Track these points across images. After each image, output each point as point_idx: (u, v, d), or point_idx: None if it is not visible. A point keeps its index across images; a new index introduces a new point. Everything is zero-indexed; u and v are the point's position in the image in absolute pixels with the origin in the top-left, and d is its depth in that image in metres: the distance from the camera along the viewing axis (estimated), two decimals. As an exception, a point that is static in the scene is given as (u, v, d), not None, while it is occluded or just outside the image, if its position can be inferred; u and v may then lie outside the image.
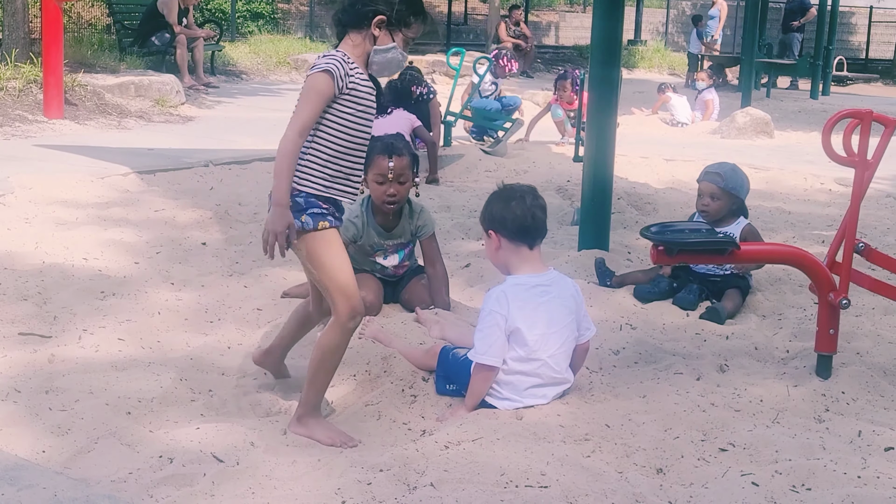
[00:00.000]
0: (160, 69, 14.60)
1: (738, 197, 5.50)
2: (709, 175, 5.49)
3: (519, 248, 3.83)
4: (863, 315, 5.23)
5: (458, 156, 10.01)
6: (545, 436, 3.50)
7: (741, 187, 5.51)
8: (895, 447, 3.60)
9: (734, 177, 5.47)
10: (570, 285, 3.94)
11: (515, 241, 3.82)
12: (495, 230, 3.85)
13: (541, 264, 3.90)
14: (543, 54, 24.43)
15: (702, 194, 5.52)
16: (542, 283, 3.83)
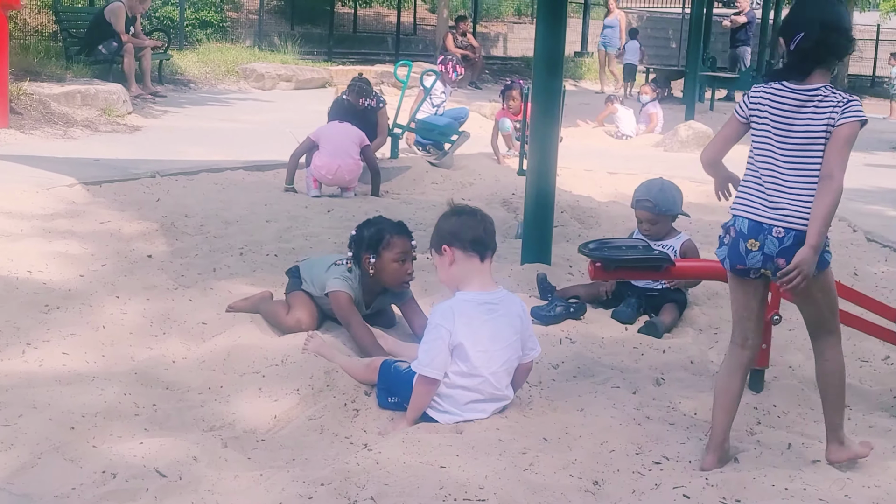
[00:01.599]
0: (107, 78, 14.51)
1: (674, 214, 5.64)
2: (641, 203, 5.63)
3: (471, 260, 3.91)
4: (796, 329, 5.36)
5: (405, 168, 10.08)
6: (484, 449, 3.57)
7: (674, 204, 5.64)
8: (822, 460, 3.72)
9: (664, 198, 5.61)
10: (518, 304, 4.03)
11: (469, 252, 3.90)
12: (449, 244, 3.92)
13: (490, 281, 3.98)
14: (491, 65, 24.57)
15: (640, 220, 5.66)
16: (490, 301, 3.91)
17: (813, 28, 3.48)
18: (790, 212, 3.49)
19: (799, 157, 3.51)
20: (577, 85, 23.41)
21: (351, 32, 26.24)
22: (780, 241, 3.48)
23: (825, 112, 3.47)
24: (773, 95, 3.55)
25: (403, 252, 4.71)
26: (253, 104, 16.02)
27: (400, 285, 4.81)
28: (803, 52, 3.50)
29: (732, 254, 3.59)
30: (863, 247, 8.00)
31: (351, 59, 23.01)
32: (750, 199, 3.57)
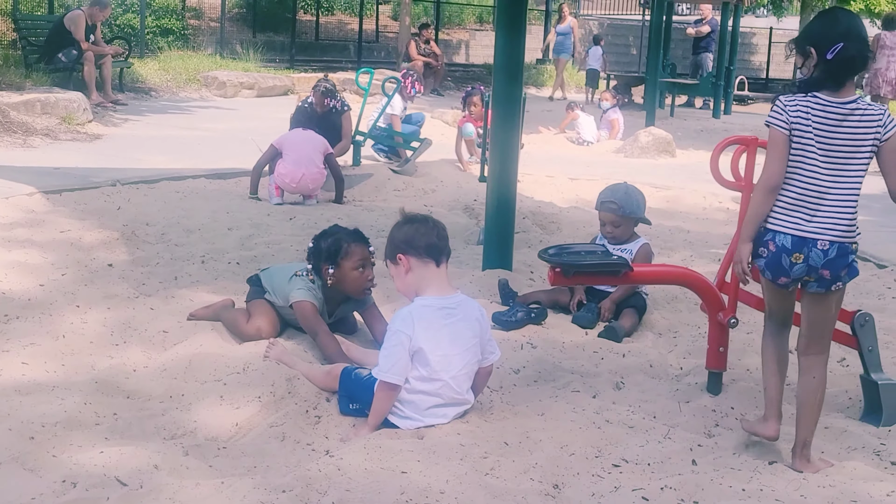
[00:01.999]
0: (67, 86, 14.42)
1: (637, 218, 5.70)
2: (605, 205, 5.68)
3: (427, 266, 3.95)
4: (754, 332, 5.43)
5: (367, 175, 10.09)
6: (445, 454, 3.60)
7: (638, 208, 5.70)
8: (779, 461, 3.79)
9: (629, 201, 5.66)
10: (476, 308, 4.06)
11: (423, 259, 3.94)
12: (403, 252, 3.96)
13: (448, 286, 4.02)
14: (454, 72, 24.64)
15: (604, 223, 5.71)
16: (448, 306, 3.95)
17: (851, 39, 3.58)
18: (834, 225, 3.63)
19: (843, 170, 3.65)
20: (539, 92, 23.51)
21: (313, 40, 26.21)
22: (825, 253, 3.63)
23: (871, 126, 3.61)
24: (813, 108, 3.63)
25: (362, 259, 4.73)
26: (215, 112, 15.98)
27: (362, 292, 4.82)
28: (842, 62, 3.59)
29: (773, 267, 3.71)
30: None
31: (313, 66, 22.98)
32: (791, 214, 3.68)
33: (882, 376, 4.37)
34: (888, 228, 9.20)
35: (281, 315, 4.93)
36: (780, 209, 3.70)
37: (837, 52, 3.57)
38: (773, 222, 3.70)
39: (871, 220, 9.60)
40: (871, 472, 3.71)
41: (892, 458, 3.90)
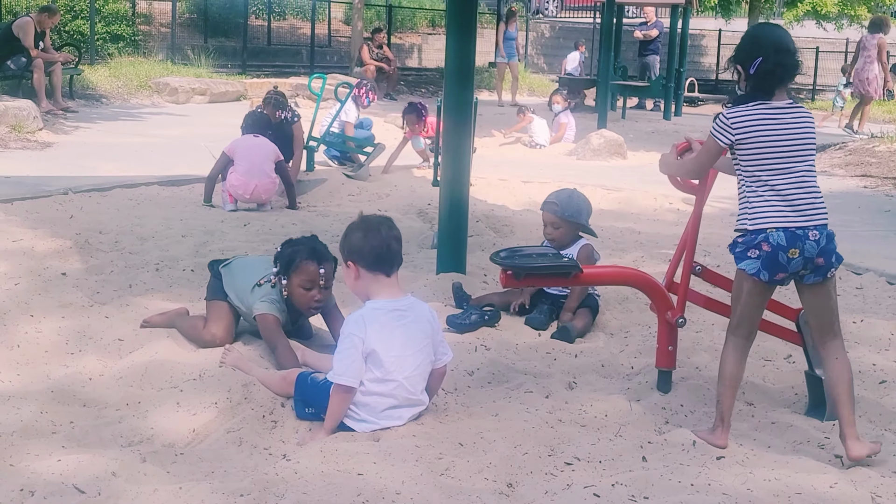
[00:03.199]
0: (16, 94, 14.31)
1: (578, 223, 5.75)
2: (547, 205, 5.76)
3: (377, 277, 4.01)
4: (702, 331, 5.55)
5: (321, 180, 10.13)
6: (401, 456, 3.65)
7: (580, 213, 5.76)
8: (726, 456, 3.88)
9: (571, 204, 5.73)
10: (427, 310, 4.13)
11: (373, 271, 4.00)
12: (353, 261, 4.02)
13: (398, 290, 4.07)
14: (407, 76, 24.70)
15: (545, 223, 5.78)
16: (400, 308, 4.00)
17: (769, 52, 3.86)
18: (818, 210, 3.91)
19: (806, 161, 3.93)
20: (492, 95, 23.62)
21: (265, 45, 26.15)
22: (818, 242, 3.87)
23: (808, 122, 3.96)
24: (763, 116, 3.88)
25: (309, 280, 4.70)
26: (167, 118, 15.91)
27: (307, 310, 4.83)
28: (765, 74, 3.88)
29: (770, 265, 3.86)
30: (768, 250, 8.24)
31: (265, 71, 22.94)
32: (778, 212, 3.86)
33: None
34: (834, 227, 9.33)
35: (238, 314, 4.96)
36: (766, 209, 3.87)
37: (758, 66, 3.87)
38: (762, 222, 3.86)
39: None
40: (815, 465, 3.80)
41: (836, 451, 4.01)
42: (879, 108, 24.59)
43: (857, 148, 15.21)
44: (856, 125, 18.51)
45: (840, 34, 29.41)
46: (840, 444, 4.05)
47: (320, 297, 4.75)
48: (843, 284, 7.01)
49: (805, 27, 28.77)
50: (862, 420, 4.38)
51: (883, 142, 15.28)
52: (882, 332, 5.76)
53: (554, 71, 27.00)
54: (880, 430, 4.29)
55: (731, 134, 3.91)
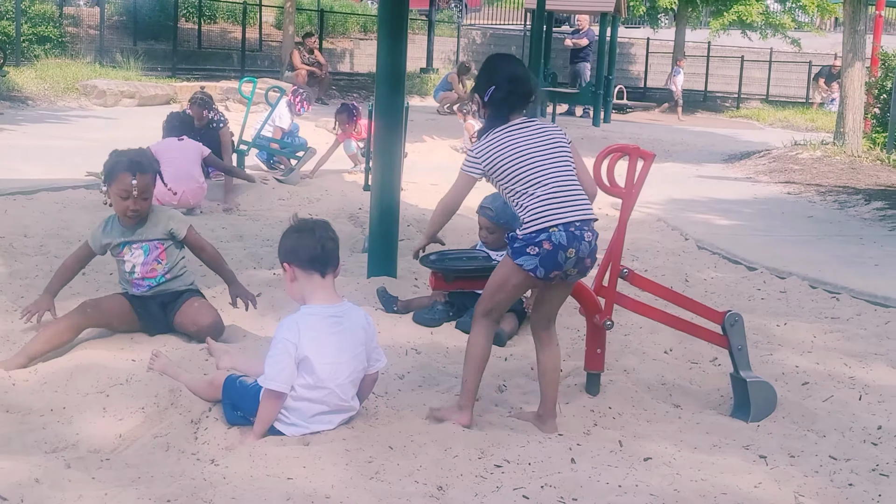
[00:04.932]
0: (-62, 95, 14.02)
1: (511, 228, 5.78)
2: (483, 210, 5.82)
3: (311, 277, 3.99)
4: (630, 334, 5.61)
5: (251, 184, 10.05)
6: (331, 460, 3.64)
7: (514, 218, 5.79)
8: (653, 457, 3.93)
9: (506, 211, 5.77)
10: (362, 317, 4.11)
11: (308, 270, 3.98)
12: (289, 262, 4.01)
13: (334, 295, 4.06)
14: (338, 81, 24.64)
15: (481, 227, 5.83)
16: (335, 314, 3.99)
17: (502, 82, 4.15)
18: (585, 205, 4.09)
19: (561, 165, 4.11)
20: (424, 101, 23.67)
21: (195, 48, 25.90)
22: (590, 244, 4.07)
23: (551, 129, 4.20)
24: (503, 139, 4.11)
25: (124, 189, 4.94)
26: (94, 121, 15.69)
27: (124, 217, 5.05)
28: (498, 101, 4.16)
29: (549, 263, 3.99)
30: (693, 254, 8.38)
31: (196, 75, 22.72)
32: (555, 209, 4.02)
33: (750, 374, 4.57)
34: (758, 232, 9.56)
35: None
36: (543, 209, 4.02)
37: (490, 95, 4.16)
38: (545, 221, 4.00)
39: (741, 225, 9.98)
40: (740, 465, 3.87)
41: (760, 451, 4.08)
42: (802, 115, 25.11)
43: (781, 155, 15.51)
44: None
45: (764, 43, 29.95)
46: (765, 444, 4.14)
47: (135, 207, 5.00)
48: (767, 288, 7.16)
49: (731, 36, 29.25)
50: (785, 421, 4.47)
51: (806, 149, 15.59)
52: (804, 335, 5.88)
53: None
54: (803, 430, 4.37)
55: (480, 166, 4.13)
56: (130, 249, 5.12)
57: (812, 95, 29.86)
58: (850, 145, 15.31)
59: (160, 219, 5.17)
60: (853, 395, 4.88)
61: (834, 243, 9.17)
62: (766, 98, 30.68)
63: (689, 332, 4.77)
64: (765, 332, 5.88)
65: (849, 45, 15.48)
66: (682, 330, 4.78)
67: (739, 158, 16.36)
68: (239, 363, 4.54)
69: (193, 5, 26.73)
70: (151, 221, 5.14)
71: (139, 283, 5.14)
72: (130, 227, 5.11)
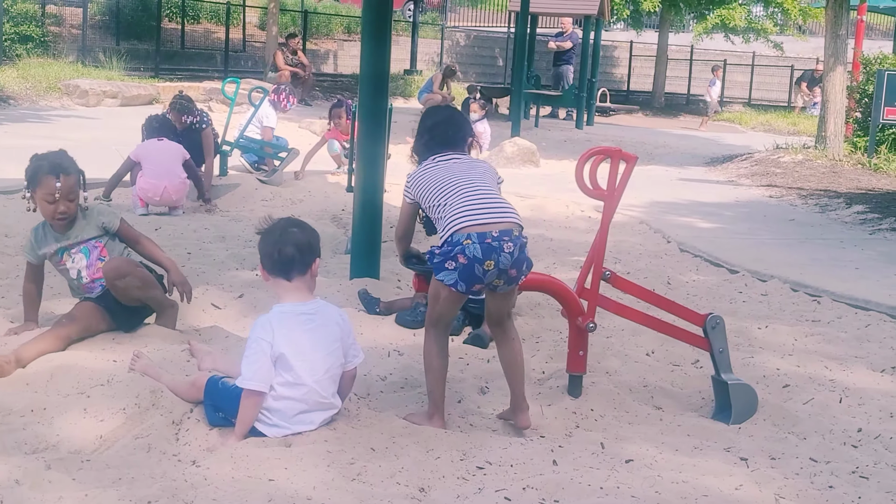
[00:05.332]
0: (-82, 94, 13.93)
1: None
2: None
3: (279, 281, 4.01)
4: (613, 336, 5.62)
5: (234, 185, 10.04)
6: (312, 461, 3.64)
7: None
8: (635, 459, 3.94)
9: None
10: (336, 313, 4.11)
11: (274, 274, 4.00)
12: (262, 265, 4.02)
13: (306, 294, 4.05)
14: (322, 82, 24.59)
15: None
16: (307, 312, 3.99)
17: (423, 132, 4.56)
18: (505, 211, 4.13)
19: (480, 182, 4.26)
20: (408, 103, 23.66)
21: (178, 48, 25.83)
22: (511, 254, 4.05)
23: (470, 160, 4.45)
24: (432, 167, 4.38)
25: (49, 193, 4.86)
26: (77, 121, 15.63)
27: (53, 222, 4.97)
28: (420, 148, 4.56)
29: (467, 277, 4.02)
30: (676, 257, 8.40)
31: (179, 75, 22.66)
32: (467, 214, 4.07)
33: (731, 377, 4.58)
34: (740, 235, 9.59)
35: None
36: (455, 217, 4.08)
37: (413, 144, 4.63)
38: (454, 226, 4.05)
39: (723, 228, 10.01)
40: (721, 467, 3.89)
41: (741, 454, 4.10)
42: (784, 119, 25.22)
43: (763, 158, 15.57)
44: None
45: (747, 47, 30.07)
46: (746, 447, 4.15)
47: (63, 210, 4.92)
48: (749, 291, 7.18)
49: (714, 40, 29.36)
50: (766, 423, 4.49)
51: (787, 153, 15.65)
52: (786, 338, 5.90)
53: (469, 79, 27.12)
54: (784, 433, 4.39)
55: (411, 195, 4.40)
56: (70, 255, 5.07)
57: (794, 99, 30.01)
58: (831, 149, 15.38)
59: (90, 217, 5.09)
60: (834, 397, 4.90)
61: (815, 246, 9.22)
62: (748, 102, 30.81)
63: (671, 335, 4.78)
64: (746, 335, 5.90)
65: (830, 50, 15.55)
66: (664, 332, 4.79)
67: (722, 162, 16.42)
68: (221, 364, 4.53)
69: (177, 5, 26.64)
70: (82, 222, 5.08)
71: (90, 286, 5.09)
72: (63, 232, 5.04)
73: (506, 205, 4.18)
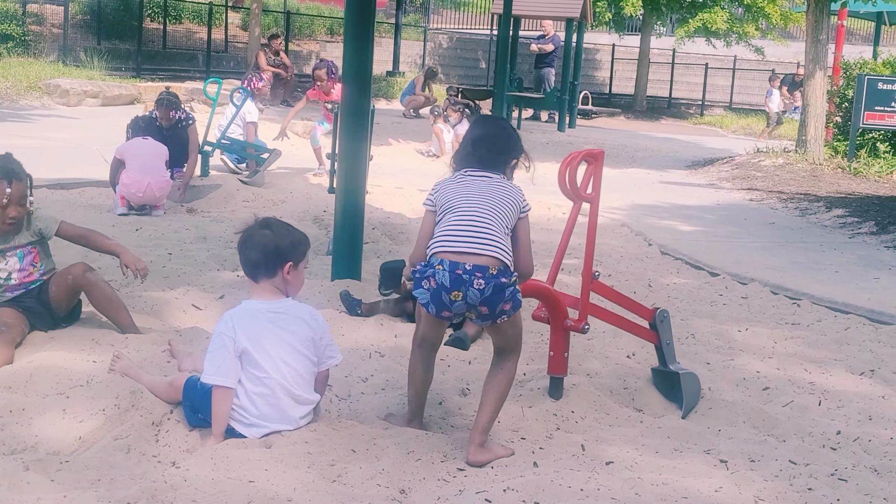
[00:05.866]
0: None
1: None
2: None
3: (248, 279, 4.04)
4: (594, 338, 5.63)
5: (216, 185, 10.02)
6: (293, 462, 3.63)
7: None
8: (615, 461, 3.95)
9: None
10: (306, 312, 4.09)
11: (245, 273, 4.06)
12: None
13: (275, 295, 4.03)
14: (304, 83, 24.51)
15: None
16: (274, 310, 3.99)
17: (466, 143, 4.32)
18: (482, 243, 3.93)
19: (481, 208, 4.04)
20: (390, 104, 23.66)
21: (160, 48, 25.72)
22: (482, 291, 3.86)
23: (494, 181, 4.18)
24: (458, 180, 4.20)
25: (1, 197, 4.88)
26: (57, 121, 15.55)
27: (3, 225, 4.97)
28: (458, 158, 4.32)
29: (436, 302, 3.91)
30: (657, 259, 8.43)
31: (160, 75, 22.58)
32: (444, 239, 3.98)
33: (680, 367, 4.75)
34: (721, 239, 9.63)
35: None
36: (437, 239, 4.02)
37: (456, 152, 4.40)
38: (433, 248, 4.00)
39: (704, 231, 10.05)
40: (701, 470, 3.90)
41: (721, 456, 4.11)
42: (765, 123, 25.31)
43: (744, 162, 15.63)
44: None
45: (728, 51, 30.17)
46: (725, 449, 4.17)
47: (14, 214, 4.95)
48: (729, 294, 7.21)
49: (696, 43, 29.45)
50: (746, 425, 4.51)
51: (768, 156, 15.73)
52: (765, 340, 5.93)
53: (451, 81, 27.14)
54: (763, 435, 4.41)
55: (432, 202, 4.18)
56: (5, 258, 5.07)
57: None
58: (811, 153, 15.46)
59: (28, 223, 5.12)
60: (813, 400, 4.93)
61: (795, 250, 9.26)
62: (729, 105, 30.92)
63: (622, 327, 4.84)
64: (726, 338, 5.92)
65: (811, 55, 15.63)
66: (617, 326, 4.85)
67: (703, 165, 16.48)
68: (200, 365, 4.50)
69: (159, 5, 26.55)
70: (22, 227, 5.10)
71: (15, 287, 5.09)
72: (3, 236, 5.04)
73: (491, 239, 3.94)
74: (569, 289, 5.80)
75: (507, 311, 3.93)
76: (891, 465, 4.11)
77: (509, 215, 4.06)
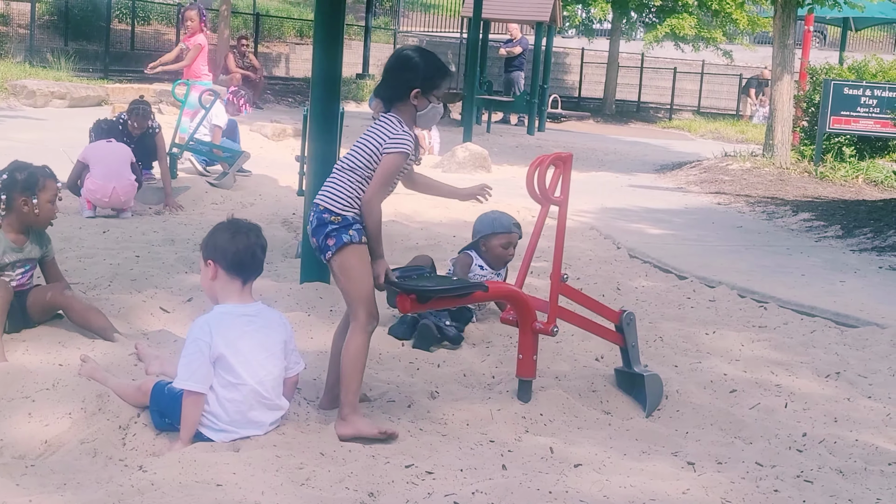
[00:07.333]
0: None
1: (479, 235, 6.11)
2: (517, 227, 6.12)
3: (233, 282, 4.00)
4: (563, 341, 5.64)
5: (184, 188, 9.96)
6: (261, 466, 3.62)
7: (478, 232, 6.14)
8: (584, 463, 3.96)
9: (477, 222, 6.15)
10: (277, 316, 4.12)
11: (232, 275, 3.99)
12: (214, 260, 3.99)
13: (249, 296, 4.05)
14: (273, 86, 24.48)
15: (511, 244, 6.09)
16: (248, 314, 4.00)
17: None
18: (329, 191, 4.20)
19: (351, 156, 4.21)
20: (360, 107, 23.63)
21: (128, 49, 25.57)
22: (311, 223, 4.23)
23: (376, 132, 4.23)
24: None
25: (53, 195, 5.12)
26: (24, 122, 15.41)
27: (50, 220, 5.17)
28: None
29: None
30: (625, 263, 8.46)
31: (128, 76, 22.43)
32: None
33: (644, 369, 4.81)
34: (689, 242, 9.68)
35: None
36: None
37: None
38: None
39: (672, 234, 10.10)
40: (668, 472, 3.92)
41: (688, 458, 4.13)
42: (732, 127, 25.50)
43: (712, 166, 15.73)
44: None
45: (696, 55, 30.36)
46: (693, 451, 4.19)
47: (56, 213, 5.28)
48: (697, 297, 7.25)
49: (664, 48, 29.62)
50: (713, 428, 4.53)
51: (736, 160, 15.83)
52: (733, 343, 5.97)
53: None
54: (730, 437, 4.44)
55: None
56: (13, 269, 5.09)
57: (742, 109, 30.34)
58: (778, 157, 15.57)
59: (43, 239, 5.22)
60: (779, 402, 4.96)
61: (762, 253, 9.33)
62: (697, 109, 31.11)
63: (587, 329, 4.86)
64: (694, 341, 5.95)
65: (778, 59, 15.74)
66: (584, 328, 4.87)
67: (671, 169, 16.57)
68: (168, 368, 4.48)
69: (126, 6, 26.40)
70: (34, 237, 5.16)
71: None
72: (18, 243, 5.08)
73: (329, 184, 4.20)
74: (537, 292, 5.84)
75: (330, 247, 4.08)
76: (855, 466, 4.15)
77: (365, 157, 4.16)
